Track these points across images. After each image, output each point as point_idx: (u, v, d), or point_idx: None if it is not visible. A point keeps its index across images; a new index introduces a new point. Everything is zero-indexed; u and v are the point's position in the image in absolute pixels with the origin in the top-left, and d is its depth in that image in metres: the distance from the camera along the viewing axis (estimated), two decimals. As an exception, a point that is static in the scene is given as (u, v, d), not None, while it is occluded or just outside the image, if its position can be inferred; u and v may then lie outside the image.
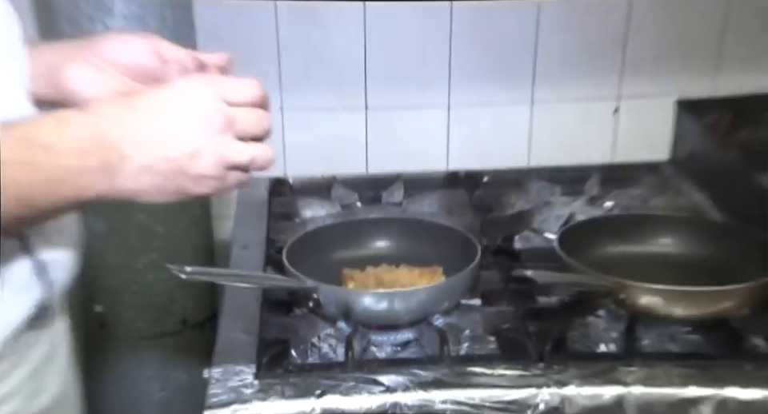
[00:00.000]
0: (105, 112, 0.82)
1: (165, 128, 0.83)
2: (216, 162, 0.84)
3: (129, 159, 0.80)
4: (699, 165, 1.78)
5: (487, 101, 1.83)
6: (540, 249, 1.48)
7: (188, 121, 0.84)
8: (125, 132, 0.81)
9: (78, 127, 0.79)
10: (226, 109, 0.84)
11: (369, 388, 1.11)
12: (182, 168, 0.83)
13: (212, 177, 0.85)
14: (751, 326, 1.25)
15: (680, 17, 1.82)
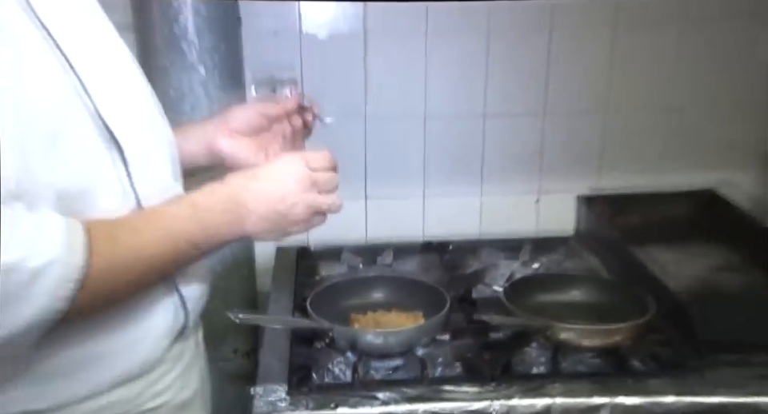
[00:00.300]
0: (235, 183, 0.89)
1: (273, 190, 0.90)
2: (306, 210, 0.92)
3: (252, 212, 0.88)
4: (593, 239, 1.76)
5: (452, 192, 1.81)
6: (491, 299, 1.45)
7: (287, 185, 0.91)
8: (248, 196, 0.88)
9: (220, 194, 0.88)
10: (311, 174, 0.92)
11: (370, 402, 1.12)
12: (285, 216, 0.91)
13: (303, 220, 0.92)
14: (631, 352, 1.26)
15: (575, 139, 1.80)
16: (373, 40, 1.68)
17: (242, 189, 0.88)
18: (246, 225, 0.88)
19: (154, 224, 0.83)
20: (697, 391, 1.15)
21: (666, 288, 1.35)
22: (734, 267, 1.60)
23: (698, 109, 1.78)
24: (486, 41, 1.70)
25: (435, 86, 1.73)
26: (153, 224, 0.83)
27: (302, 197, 0.90)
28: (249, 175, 0.90)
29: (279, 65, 1.67)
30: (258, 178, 0.89)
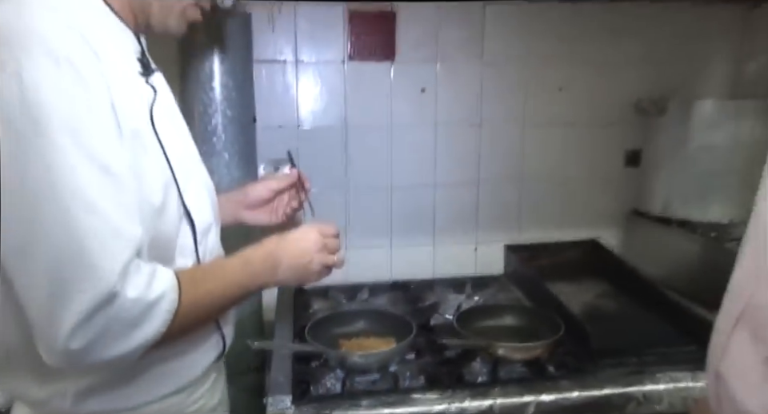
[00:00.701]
0: (271, 244, 0.91)
1: (298, 250, 0.92)
2: (320, 265, 0.94)
3: (282, 264, 0.90)
4: (518, 277, 1.74)
5: (411, 243, 1.79)
6: (445, 325, 1.43)
7: (307, 246, 0.93)
8: (281, 253, 0.91)
9: (262, 252, 0.90)
10: (323, 240, 0.94)
11: (356, 409, 1.11)
12: (305, 268, 0.93)
13: (317, 272, 0.95)
14: (548, 362, 1.26)
15: (500, 202, 1.81)
16: (352, 131, 1.71)
17: (277, 248, 0.90)
18: (279, 275, 0.90)
19: (220, 273, 0.85)
20: (592, 387, 1.18)
21: (569, 313, 1.36)
22: (611, 295, 1.62)
23: (582, 183, 1.84)
24: (434, 132, 1.74)
25: (398, 164, 1.75)
26: (219, 273, 0.85)
27: (317, 256, 0.93)
28: (280, 239, 0.92)
29: (281, 150, 1.68)
30: (287, 241, 0.92)
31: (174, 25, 0.84)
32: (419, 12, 1.67)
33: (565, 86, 1.77)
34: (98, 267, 0.66)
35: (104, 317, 0.67)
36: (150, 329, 0.71)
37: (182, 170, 0.82)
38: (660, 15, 1.74)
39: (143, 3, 0.81)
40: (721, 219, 1.63)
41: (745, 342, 0.78)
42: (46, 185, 0.65)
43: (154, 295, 0.71)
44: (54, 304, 0.65)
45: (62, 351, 0.67)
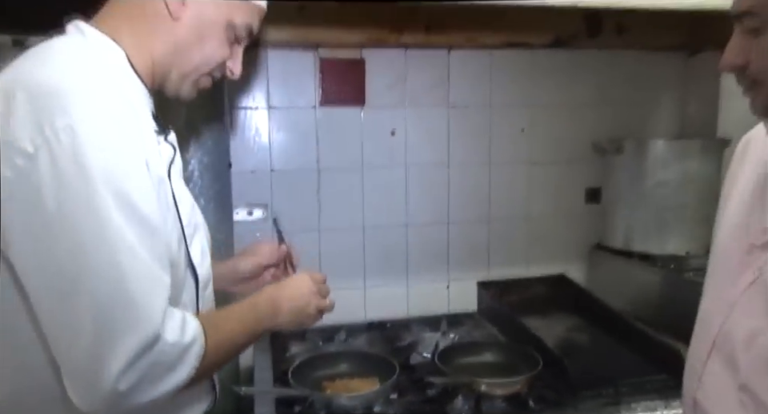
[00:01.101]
0: (270, 290, 0.97)
1: (295, 295, 0.97)
2: (315, 309, 1.00)
3: (282, 308, 0.95)
4: (491, 313, 1.78)
5: (385, 283, 1.81)
6: (424, 363, 1.45)
7: (303, 292, 0.98)
8: (281, 299, 0.95)
9: (265, 298, 0.95)
10: (315, 286, 1.00)
11: None
12: (302, 312, 0.98)
13: (311, 315, 1.00)
14: (528, 396, 1.29)
15: (470, 242, 1.86)
16: (324, 173, 1.75)
17: (277, 294, 0.96)
18: (279, 319, 0.95)
19: (234, 318, 0.89)
20: None
21: (546, 347, 1.40)
22: (581, 328, 1.68)
23: (547, 219, 1.92)
24: (404, 173, 1.80)
25: (369, 206, 1.78)
26: (233, 319, 0.89)
27: (312, 299, 0.99)
28: (279, 286, 0.99)
29: (256, 194, 1.71)
30: (285, 288, 0.98)
31: (186, 91, 0.89)
32: (387, 59, 1.75)
33: (527, 128, 1.88)
34: (144, 310, 0.70)
35: (149, 360, 0.70)
36: (183, 373, 0.74)
37: (189, 226, 0.86)
38: (613, 62, 1.89)
39: (164, 70, 0.85)
40: (678, 251, 1.73)
41: (719, 370, 0.84)
42: (94, 232, 0.68)
43: (187, 339, 0.75)
44: (102, 347, 0.68)
45: (109, 392, 0.68)
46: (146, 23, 0.83)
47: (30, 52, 0.77)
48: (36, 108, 0.68)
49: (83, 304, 0.68)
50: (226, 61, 0.90)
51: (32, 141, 0.67)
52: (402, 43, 1.70)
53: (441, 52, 1.78)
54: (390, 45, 1.70)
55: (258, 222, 1.73)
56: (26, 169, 0.68)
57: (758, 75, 0.74)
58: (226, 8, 0.85)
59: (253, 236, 1.69)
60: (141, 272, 0.70)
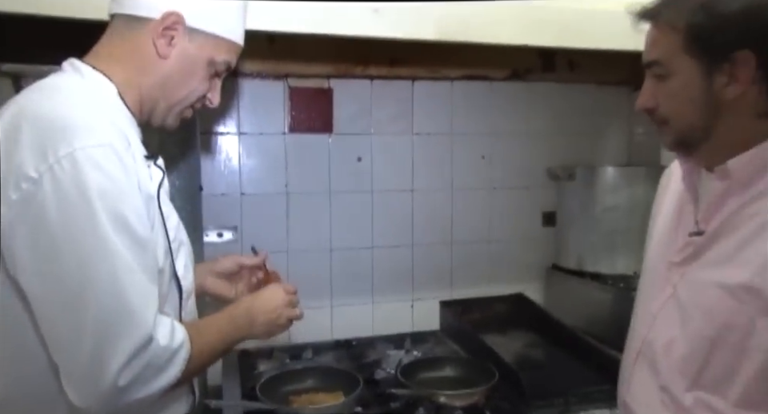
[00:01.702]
0: (247, 302, 1.06)
1: (268, 308, 1.06)
2: (285, 319, 1.09)
3: (256, 320, 1.04)
4: (453, 331, 1.85)
5: (351, 302, 1.88)
6: (388, 378, 1.52)
7: (276, 303, 1.07)
8: (255, 310, 1.04)
9: (241, 309, 1.04)
10: (287, 297, 1.09)
11: None
12: (274, 322, 1.07)
13: (282, 325, 1.08)
14: (486, 407, 1.37)
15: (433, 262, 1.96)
16: (293, 197, 1.84)
17: (251, 305, 1.05)
18: (253, 328, 1.04)
19: (214, 327, 0.98)
20: None
21: (503, 361, 1.49)
22: (537, 344, 1.78)
23: (506, 242, 2.05)
24: (370, 197, 1.91)
25: (336, 229, 1.88)
26: (213, 327, 0.98)
27: (284, 311, 1.08)
28: (254, 298, 1.08)
29: (226, 217, 1.79)
30: (260, 300, 1.07)
31: (171, 121, 0.99)
32: (354, 89, 1.87)
33: (487, 155, 2.01)
34: (138, 316, 0.79)
35: (143, 360, 0.80)
36: (172, 373, 0.84)
37: (175, 241, 0.96)
38: (566, 94, 2.06)
39: (152, 102, 0.95)
40: (626, 271, 1.87)
41: (644, 374, 0.96)
42: (94, 249, 0.77)
43: (176, 344, 0.84)
44: (103, 349, 0.77)
45: (109, 387, 0.77)
46: (135, 61, 0.92)
47: (33, 87, 0.87)
48: (40, 138, 0.77)
49: (88, 312, 0.77)
50: (206, 93, 1.00)
51: (36, 167, 0.76)
52: (368, 74, 1.83)
53: (405, 83, 1.91)
54: (357, 76, 1.82)
55: (228, 244, 1.80)
56: (31, 193, 0.76)
57: (665, 116, 0.88)
58: (208, 47, 0.95)
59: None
60: (136, 284, 0.80)
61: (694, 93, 0.83)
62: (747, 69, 0.79)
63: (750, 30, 0.78)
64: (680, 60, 0.82)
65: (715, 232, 0.87)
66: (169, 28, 0.91)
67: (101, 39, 0.95)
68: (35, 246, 0.77)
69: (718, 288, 0.83)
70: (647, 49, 0.87)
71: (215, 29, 0.95)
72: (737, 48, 0.78)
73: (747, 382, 0.80)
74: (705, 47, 0.80)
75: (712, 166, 0.88)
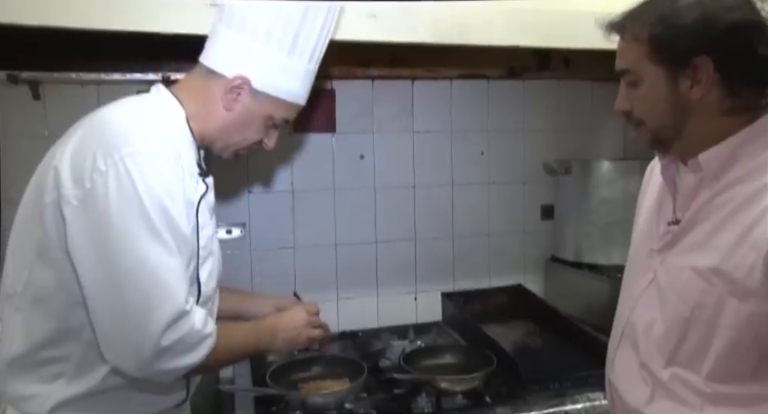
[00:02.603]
0: (272, 319, 1.20)
1: (290, 326, 1.18)
2: (305, 338, 1.21)
3: (278, 335, 1.16)
4: (454, 321, 1.91)
5: (357, 295, 1.95)
6: (392, 367, 1.58)
7: (298, 323, 1.20)
8: (278, 326, 1.17)
9: (266, 323, 1.18)
10: (308, 318, 1.21)
11: None
12: (295, 339, 1.19)
13: (302, 342, 1.21)
14: (485, 391, 1.44)
15: (436, 256, 2.02)
16: (298, 194, 1.91)
17: (276, 323, 1.19)
18: (275, 342, 1.16)
19: (240, 334, 1.12)
20: (522, 409, 1.38)
21: (501, 349, 1.57)
22: (536, 332, 1.85)
23: (505, 235, 2.12)
24: (373, 194, 1.98)
25: (341, 224, 1.95)
26: (240, 334, 1.12)
27: (304, 330, 1.21)
28: (278, 316, 1.22)
29: (234, 215, 1.87)
30: (282, 318, 1.21)
31: (226, 155, 1.15)
32: (355, 89, 1.94)
33: (486, 151, 2.09)
34: (173, 292, 0.92)
35: (179, 331, 0.93)
36: (197, 356, 0.95)
37: (205, 249, 1.06)
38: (562, 91, 2.13)
39: (211, 140, 1.11)
40: (622, 262, 1.86)
41: (626, 352, 1.04)
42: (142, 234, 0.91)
43: (207, 331, 0.97)
44: (143, 317, 0.90)
45: (153, 349, 0.90)
46: (206, 103, 1.07)
47: (118, 101, 1.04)
48: (110, 139, 0.93)
49: (128, 286, 0.91)
50: (262, 139, 1.13)
51: (105, 161, 0.91)
52: (369, 75, 1.90)
53: (405, 83, 1.99)
54: (358, 76, 1.89)
55: (237, 240, 1.88)
56: (99, 183, 0.91)
57: (640, 118, 0.96)
58: (269, 106, 1.08)
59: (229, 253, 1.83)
60: (173, 267, 0.94)
61: (663, 97, 0.90)
62: (707, 73, 0.86)
63: (704, 38, 0.85)
64: (647, 68, 0.90)
65: (690, 220, 0.94)
66: (237, 86, 1.04)
67: (185, 76, 1.11)
68: (95, 227, 0.91)
69: (692, 272, 0.91)
70: (618, 59, 0.96)
71: (278, 93, 1.07)
72: (695, 54, 0.86)
73: (717, 357, 0.87)
74: (667, 55, 0.88)
75: (686, 160, 0.96)
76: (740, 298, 0.84)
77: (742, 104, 0.90)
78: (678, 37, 0.87)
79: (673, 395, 0.92)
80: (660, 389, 0.94)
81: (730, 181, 0.90)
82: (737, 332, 0.85)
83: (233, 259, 1.85)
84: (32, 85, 1.61)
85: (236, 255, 1.86)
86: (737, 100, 0.89)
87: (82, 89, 1.68)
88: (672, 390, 0.92)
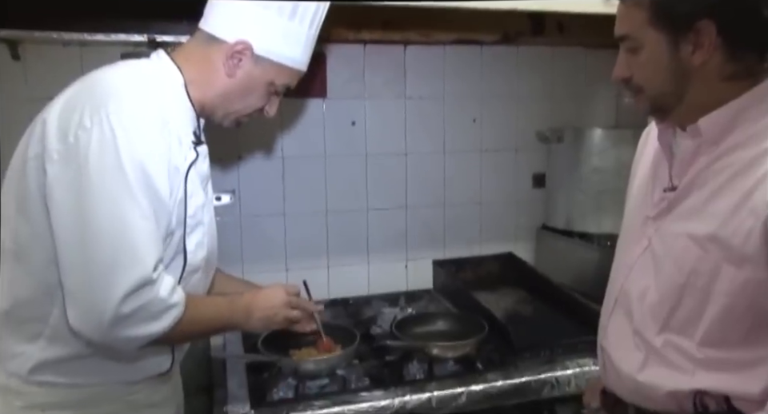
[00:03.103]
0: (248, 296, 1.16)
1: (267, 305, 1.15)
2: (282, 318, 1.18)
3: (253, 313, 1.13)
4: (445, 289, 1.92)
5: (347, 262, 1.94)
6: (383, 334, 1.59)
7: (275, 302, 1.16)
8: (254, 305, 1.14)
9: (241, 300, 1.14)
10: (287, 298, 1.18)
11: (311, 409, 1.27)
12: (271, 319, 1.16)
13: (279, 322, 1.18)
14: (476, 357, 1.45)
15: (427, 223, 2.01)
16: (288, 161, 1.88)
17: (251, 300, 1.15)
18: (250, 320, 1.14)
19: (212, 307, 1.09)
20: (513, 376, 1.40)
21: (493, 316, 1.58)
22: (527, 300, 1.87)
23: (497, 203, 2.11)
24: (364, 161, 1.96)
25: (332, 192, 1.93)
26: (212, 306, 1.09)
27: (281, 310, 1.18)
28: (255, 294, 1.18)
29: (224, 181, 1.84)
30: (259, 297, 1.17)
31: (227, 124, 1.14)
32: (347, 54, 1.90)
33: (478, 118, 2.06)
34: (142, 255, 0.90)
35: (142, 298, 0.90)
36: (160, 325, 0.93)
37: (193, 218, 1.04)
38: (555, 57, 2.10)
39: (212, 108, 1.09)
40: (613, 230, 1.90)
41: (619, 320, 1.04)
42: (119, 189, 0.89)
43: (173, 300, 0.94)
44: (108, 278, 0.88)
45: (112, 312, 0.88)
46: (206, 70, 1.05)
47: (116, 63, 1.03)
48: (99, 98, 0.92)
49: (97, 243, 0.89)
50: (264, 106, 1.13)
51: (91, 118, 0.90)
52: (361, 39, 1.85)
53: (397, 48, 1.94)
54: (350, 40, 1.84)
55: (227, 207, 1.86)
56: (82, 138, 0.89)
57: (640, 84, 0.94)
58: (271, 72, 1.07)
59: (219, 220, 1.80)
60: (145, 230, 0.92)
61: (664, 63, 0.89)
62: (709, 37, 0.85)
63: (707, 1, 0.83)
64: (648, 33, 0.88)
65: (687, 187, 0.94)
66: (239, 52, 1.03)
67: (185, 42, 1.08)
68: (73, 182, 0.90)
69: (688, 239, 0.90)
70: (618, 24, 0.93)
71: (280, 58, 1.07)
72: (697, 18, 0.84)
73: (711, 323, 0.88)
74: (668, 20, 0.86)
75: (685, 126, 0.94)
76: (736, 265, 0.84)
77: (743, 69, 0.88)
78: (680, 2, 0.85)
79: (666, 361, 0.92)
80: (653, 355, 0.95)
81: (729, 146, 0.89)
82: (731, 298, 0.85)
83: (222, 226, 1.75)
84: (10, 44, 1.54)
85: (225, 222, 1.83)
86: (738, 65, 0.88)
87: (64, 49, 1.62)
88: (665, 356, 0.93)
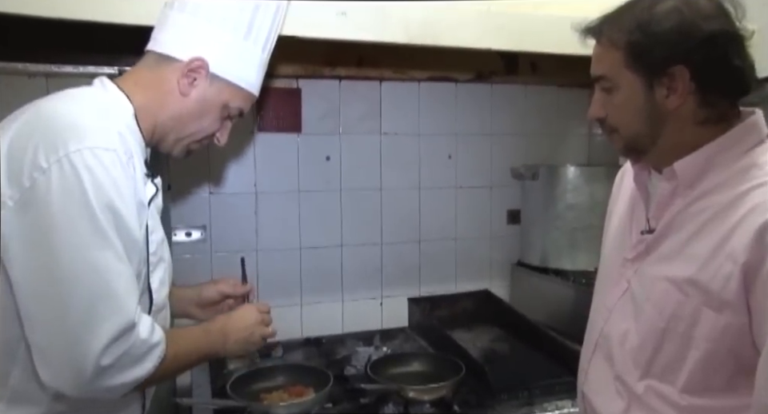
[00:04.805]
0: (221, 321, 1.12)
1: (240, 326, 1.11)
2: (258, 337, 1.14)
3: (230, 336, 1.10)
4: (421, 327, 1.90)
5: (321, 300, 1.91)
6: (357, 375, 1.55)
7: (249, 322, 1.13)
8: (228, 328, 1.10)
9: (215, 326, 1.10)
10: (260, 316, 1.14)
11: None
12: (247, 340, 1.12)
13: (256, 342, 1.14)
14: (453, 400, 1.42)
15: (402, 260, 2.00)
16: (261, 196, 1.86)
17: (225, 324, 1.11)
18: (227, 344, 1.09)
19: (189, 338, 1.04)
20: None
21: (469, 356, 1.55)
22: (503, 338, 1.85)
23: (472, 239, 2.10)
24: (339, 196, 1.94)
25: (306, 227, 1.90)
26: (189, 338, 1.04)
27: (257, 329, 1.14)
28: (228, 317, 1.14)
29: (194, 216, 1.80)
30: (233, 319, 1.13)
31: (177, 152, 1.08)
32: (322, 89, 1.90)
33: (453, 154, 2.07)
34: (123, 301, 0.85)
35: (124, 345, 0.84)
36: (145, 368, 0.88)
37: (155, 255, 1.00)
38: (529, 96, 2.13)
39: (164, 132, 1.04)
40: (588, 267, 1.94)
41: (600, 364, 1.02)
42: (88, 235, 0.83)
43: (154, 340, 0.89)
44: (87, 328, 0.82)
45: (91, 367, 0.82)
46: (157, 93, 1.01)
47: (56, 94, 0.95)
48: (54, 135, 0.85)
49: (72, 294, 0.83)
50: (216, 132, 1.09)
51: (47, 159, 0.83)
52: (336, 75, 1.85)
53: (373, 83, 1.95)
54: (325, 76, 1.85)
55: (197, 243, 1.82)
56: (40, 181, 0.83)
57: (614, 125, 0.94)
58: (226, 93, 1.04)
59: (189, 257, 1.78)
60: (122, 273, 0.87)
61: (638, 105, 0.89)
62: (683, 82, 0.86)
63: (682, 47, 0.84)
64: (623, 75, 0.89)
65: (664, 229, 0.93)
66: (193, 70, 1.00)
67: (131, 69, 1.04)
68: (34, 231, 0.83)
69: (667, 282, 0.89)
70: (594, 64, 0.94)
71: (235, 79, 1.04)
72: (672, 63, 0.85)
73: (693, 369, 0.86)
74: (644, 63, 0.87)
75: (660, 168, 0.95)
76: (715, 309, 0.83)
77: (716, 114, 0.89)
78: (656, 46, 0.86)
79: (648, 408, 0.90)
80: (635, 402, 0.92)
81: (704, 189, 0.89)
82: (712, 343, 0.84)
83: (193, 263, 1.79)
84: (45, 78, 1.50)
85: (196, 259, 1.80)
86: (711, 110, 0.89)
87: (30, 81, 1.57)
88: (647, 402, 0.91)
